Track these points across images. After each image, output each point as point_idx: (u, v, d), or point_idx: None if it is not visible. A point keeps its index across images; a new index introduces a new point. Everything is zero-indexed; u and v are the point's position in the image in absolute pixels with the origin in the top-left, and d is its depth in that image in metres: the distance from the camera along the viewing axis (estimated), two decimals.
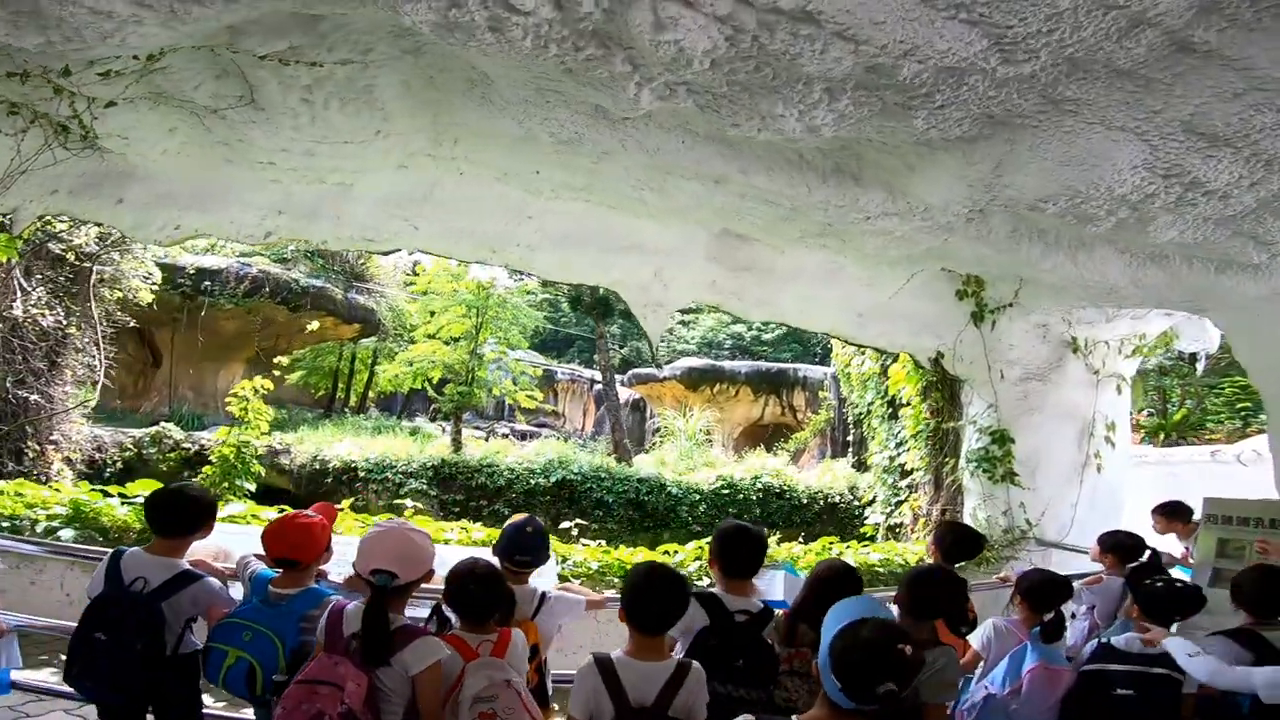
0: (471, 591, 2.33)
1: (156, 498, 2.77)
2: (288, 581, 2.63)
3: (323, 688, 2.00)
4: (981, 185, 3.35)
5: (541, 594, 2.84)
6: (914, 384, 7.20)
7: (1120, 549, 4.00)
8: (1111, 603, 3.76)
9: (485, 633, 2.31)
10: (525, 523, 2.96)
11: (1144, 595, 3.05)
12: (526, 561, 2.88)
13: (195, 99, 3.82)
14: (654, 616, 2.25)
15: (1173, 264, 4.58)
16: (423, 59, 3.70)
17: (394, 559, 2.24)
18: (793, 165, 4.12)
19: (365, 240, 5.54)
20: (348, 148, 4.49)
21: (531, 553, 2.89)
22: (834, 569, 2.83)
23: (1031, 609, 3.09)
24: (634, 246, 5.68)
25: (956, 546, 3.66)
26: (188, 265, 16.16)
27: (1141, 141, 2.90)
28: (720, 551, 2.78)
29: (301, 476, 12.98)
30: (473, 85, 3.88)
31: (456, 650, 2.22)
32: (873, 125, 3.07)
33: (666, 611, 2.26)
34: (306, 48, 3.37)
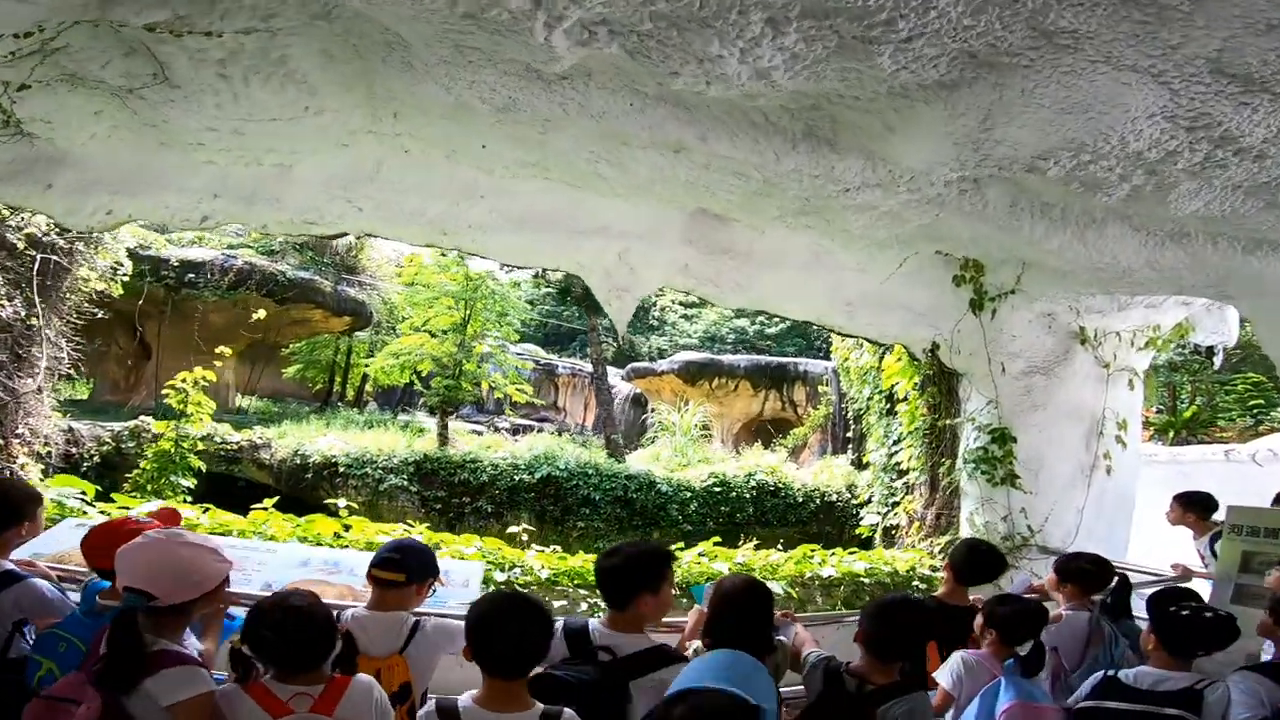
0: (267, 634, 1.85)
1: None
2: (115, 594, 2.21)
3: (65, 705, 1.76)
4: (969, 142, 2.85)
5: (415, 623, 2.40)
6: (908, 377, 6.69)
7: (1082, 577, 3.26)
8: (1078, 642, 3.08)
9: (306, 682, 1.85)
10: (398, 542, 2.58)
11: (1164, 625, 2.53)
12: (396, 560, 2.43)
13: (106, 79, 3.64)
14: (507, 656, 1.84)
15: (1194, 243, 4.07)
16: (336, 25, 3.39)
17: (151, 577, 1.87)
18: (758, 129, 3.64)
19: (307, 223, 5.20)
20: (277, 125, 4.21)
21: (401, 552, 2.47)
22: (736, 587, 2.35)
23: (1003, 640, 2.62)
24: (598, 228, 5.21)
25: (972, 568, 3.20)
26: (172, 257, 15.89)
27: (1159, 84, 2.39)
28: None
29: (282, 472, 12.64)
30: (391, 50, 3.54)
31: (258, 704, 1.78)
32: (834, 70, 2.59)
33: (523, 649, 1.85)
34: (195, 16, 3.13)
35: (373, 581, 2.44)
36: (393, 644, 2.32)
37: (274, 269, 16.72)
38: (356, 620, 2.36)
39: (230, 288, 15.94)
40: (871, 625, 2.32)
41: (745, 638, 2.30)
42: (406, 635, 2.35)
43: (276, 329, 18.69)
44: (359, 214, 5.11)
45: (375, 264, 20.63)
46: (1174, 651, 2.48)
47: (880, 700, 2.20)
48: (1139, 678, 2.48)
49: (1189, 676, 2.44)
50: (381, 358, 16.08)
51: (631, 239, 5.27)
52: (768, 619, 2.39)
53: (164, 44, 3.34)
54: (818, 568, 5.29)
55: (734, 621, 2.26)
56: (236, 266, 16.17)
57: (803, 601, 5.18)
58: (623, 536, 11.62)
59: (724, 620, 2.31)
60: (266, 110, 4.04)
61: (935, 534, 6.30)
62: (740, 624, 2.26)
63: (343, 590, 3.42)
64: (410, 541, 2.65)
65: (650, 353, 31.00)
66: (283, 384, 24.09)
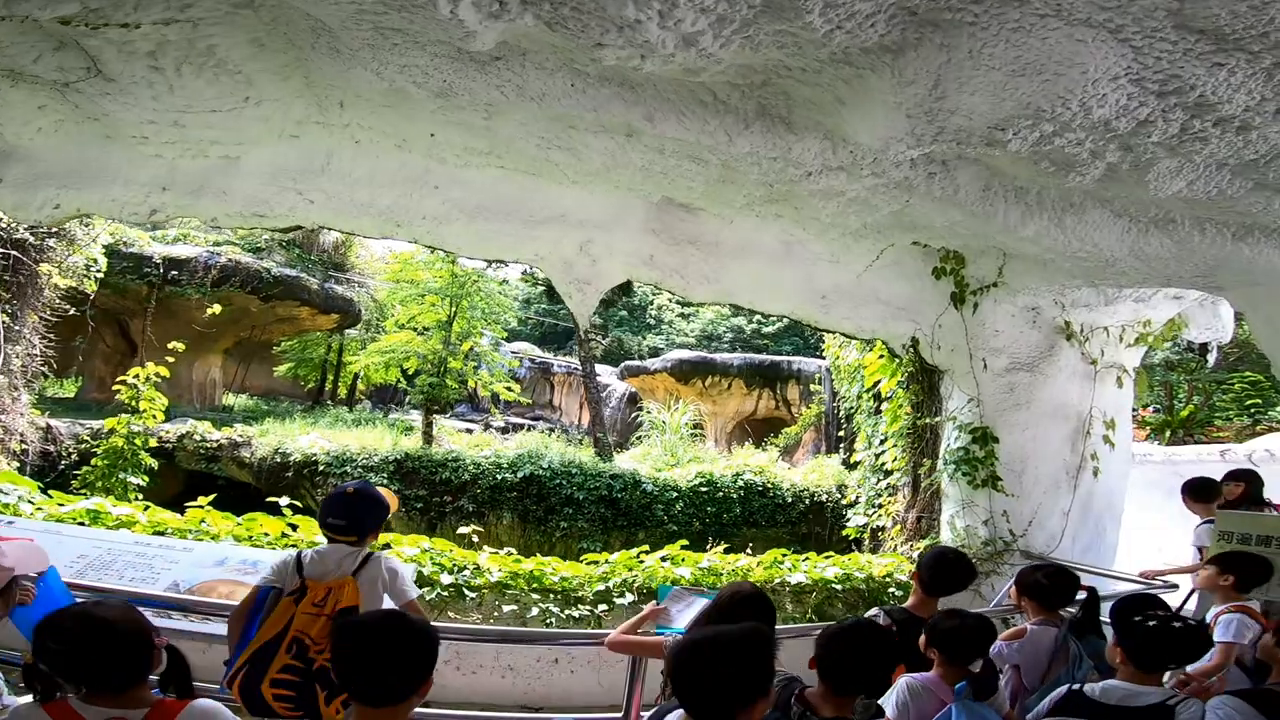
0: (53, 646, 1.57)
1: None
2: None
3: None
4: (922, 113, 2.59)
5: (369, 554, 2.62)
6: (891, 375, 6.43)
7: (1037, 591, 2.96)
8: (1040, 660, 2.80)
9: (121, 705, 1.58)
10: (350, 485, 2.76)
11: (1130, 636, 2.29)
12: (340, 526, 2.64)
13: (41, 73, 3.67)
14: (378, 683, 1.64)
15: (1181, 229, 3.81)
16: (263, 13, 3.33)
17: None
18: (707, 108, 3.40)
19: (256, 216, 5.11)
20: (217, 116, 4.21)
21: (346, 516, 2.64)
22: (740, 593, 2.26)
23: (947, 660, 2.37)
24: (555, 217, 4.98)
25: (938, 577, 2.92)
26: (155, 254, 15.75)
27: (1118, 41, 2.14)
28: None
29: (263, 470, 12.41)
30: (318, 35, 3.44)
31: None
32: (767, 35, 2.34)
33: (390, 679, 1.64)
34: (108, 9, 3.09)
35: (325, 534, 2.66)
36: (345, 569, 2.54)
37: (259, 266, 16.54)
38: (316, 553, 2.60)
39: (214, 285, 15.77)
40: (826, 653, 2.08)
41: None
42: (359, 562, 2.57)
43: (263, 326, 18.51)
44: (310, 206, 5.02)
45: (364, 261, 20.46)
46: (1142, 665, 2.26)
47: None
48: (1105, 692, 2.25)
49: (1160, 691, 2.22)
50: (368, 355, 15.87)
51: (592, 229, 5.04)
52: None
53: (88, 38, 3.35)
54: (787, 574, 5.04)
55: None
56: (220, 263, 16.01)
57: None
58: (607, 536, 11.38)
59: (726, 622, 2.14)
60: (204, 101, 4.00)
61: (915, 537, 6.05)
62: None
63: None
64: (355, 501, 2.67)
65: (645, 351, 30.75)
66: (276, 382, 23.93)
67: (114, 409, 15.53)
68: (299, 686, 2.40)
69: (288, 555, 2.63)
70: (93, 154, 4.61)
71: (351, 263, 19.82)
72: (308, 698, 2.40)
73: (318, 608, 2.47)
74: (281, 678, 2.39)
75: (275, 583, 2.58)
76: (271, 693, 2.39)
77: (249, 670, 2.41)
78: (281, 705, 2.40)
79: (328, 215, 5.09)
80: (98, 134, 4.46)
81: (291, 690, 2.40)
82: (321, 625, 2.43)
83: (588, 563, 5.01)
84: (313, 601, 2.48)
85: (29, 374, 9.58)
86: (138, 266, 15.56)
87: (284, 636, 2.43)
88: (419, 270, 15.23)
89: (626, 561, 5.01)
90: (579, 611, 4.53)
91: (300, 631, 2.44)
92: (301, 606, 2.48)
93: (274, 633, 2.45)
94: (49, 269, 8.59)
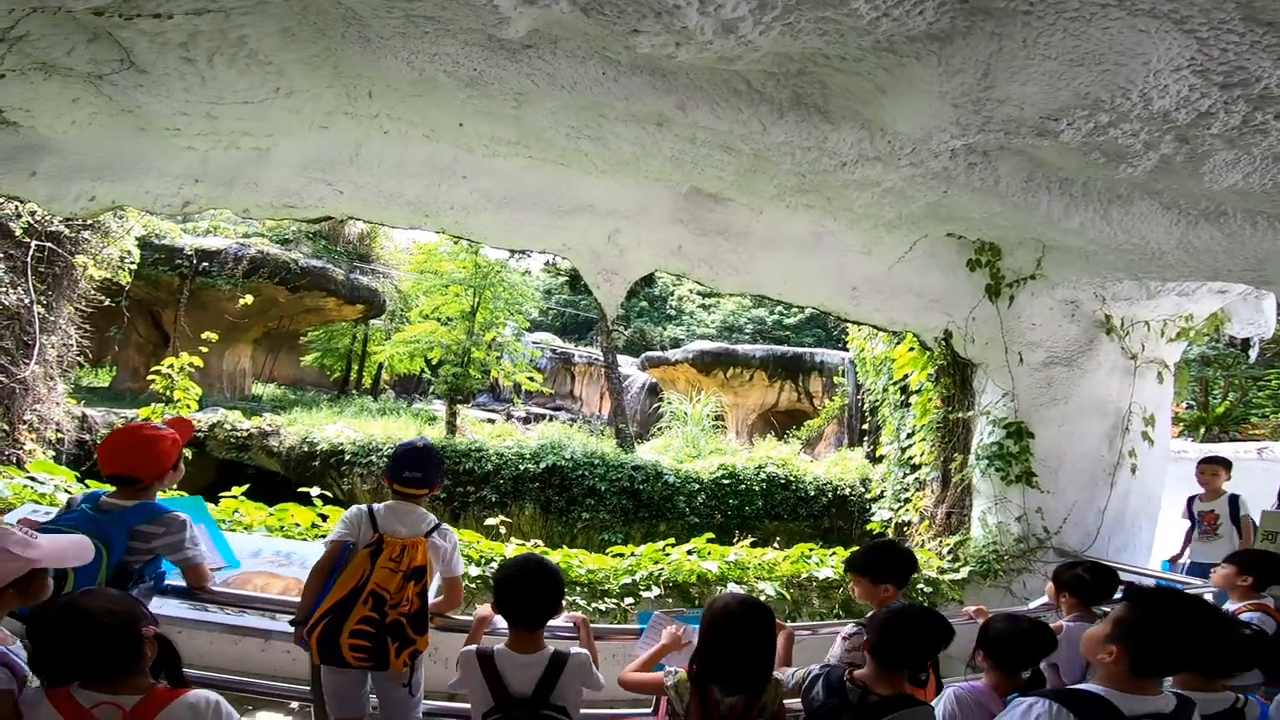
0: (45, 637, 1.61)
1: None
2: (125, 495, 2.50)
3: None
4: (969, 103, 2.50)
5: (436, 523, 2.80)
6: (921, 368, 6.32)
7: (1078, 586, 2.95)
8: (1078, 658, 2.71)
9: (115, 691, 1.60)
10: (416, 441, 2.93)
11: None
12: (416, 479, 2.80)
13: (75, 66, 3.70)
14: (529, 610, 2.28)
15: (1232, 222, 3.68)
16: (293, 3, 3.32)
17: None
18: (741, 97, 3.34)
19: (286, 207, 5.16)
20: (249, 108, 4.23)
21: (421, 469, 2.81)
22: (729, 609, 2.16)
23: (999, 668, 2.30)
24: (584, 207, 4.95)
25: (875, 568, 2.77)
26: (186, 246, 16.03)
27: (1183, 32, 2.04)
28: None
29: (290, 459, 12.61)
30: (348, 24, 3.43)
31: (57, 710, 1.57)
32: (809, 21, 2.27)
33: (542, 605, 2.29)
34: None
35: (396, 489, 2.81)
36: (417, 530, 2.70)
37: (287, 257, 16.75)
38: (387, 508, 2.75)
39: (244, 276, 16.02)
40: (879, 633, 2.13)
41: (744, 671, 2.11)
42: (429, 528, 2.74)
43: (291, 316, 18.77)
44: (339, 196, 5.06)
45: (389, 252, 20.63)
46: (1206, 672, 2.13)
47: (884, 711, 2.00)
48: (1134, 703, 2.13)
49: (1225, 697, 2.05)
50: (392, 345, 16.02)
51: (620, 219, 5.00)
52: (770, 650, 2.16)
53: (121, 29, 3.30)
54: (815, 568, 4.99)
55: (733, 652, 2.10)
56: (250, 255, 16.25)
57: (798, 604, 4.90)
58: (628, 528, 11.40)
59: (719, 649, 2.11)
60: (235, 92, 4.03)
61: (945, 533, 5.96)
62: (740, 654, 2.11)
63: (290, 583, 3.26)
64: (429, 454, 2.86)
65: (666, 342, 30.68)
66: (303, 372, 24.30)
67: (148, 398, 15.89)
68: (374, 638, 2.53)
69: (358, 510, 2.76)
70: (126, 146, 4.67)
71: (376, 254, 20.01)
72: (381, 649, 2.53)
73: (394, 562, 2.59)
74: (360, 629, 2.52)
75: (349, 537, 2.69)
76: (349, 643, 2.51)
77: (330, 621, 2.52)
78: (356, 655, 2.52)
79: (356, 206, 5.12)
80: (131, 126, 4.51)
81: (367, 641, 2.52)
82: (398, 581, 2.57)
83: (613, 555, 5.01)
84: (390, 556, 2.59)
85: (64, 364, 9.82)
86: (170, 258, 15.86)
87: (363, 589, 2.55)
88: (443, 261, 15.32)
89: (652, 554, 4.99)
90: (605, 605, 4.53)
91: (379, 585, 2.55)
92: (380, 561, 2.59)
93: (352, 585, 2.56)
94: (84, 260, 8.77)
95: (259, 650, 3.93)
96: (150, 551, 2.48)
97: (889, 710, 1.98)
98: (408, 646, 2.56)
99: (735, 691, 2.10)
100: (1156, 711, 1.69)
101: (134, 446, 2.54)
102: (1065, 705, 1.65)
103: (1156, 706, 1.70)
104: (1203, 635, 1.68)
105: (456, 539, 2.89)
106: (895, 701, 2.02)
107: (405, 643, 2.55)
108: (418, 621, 2.59)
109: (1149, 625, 1.70)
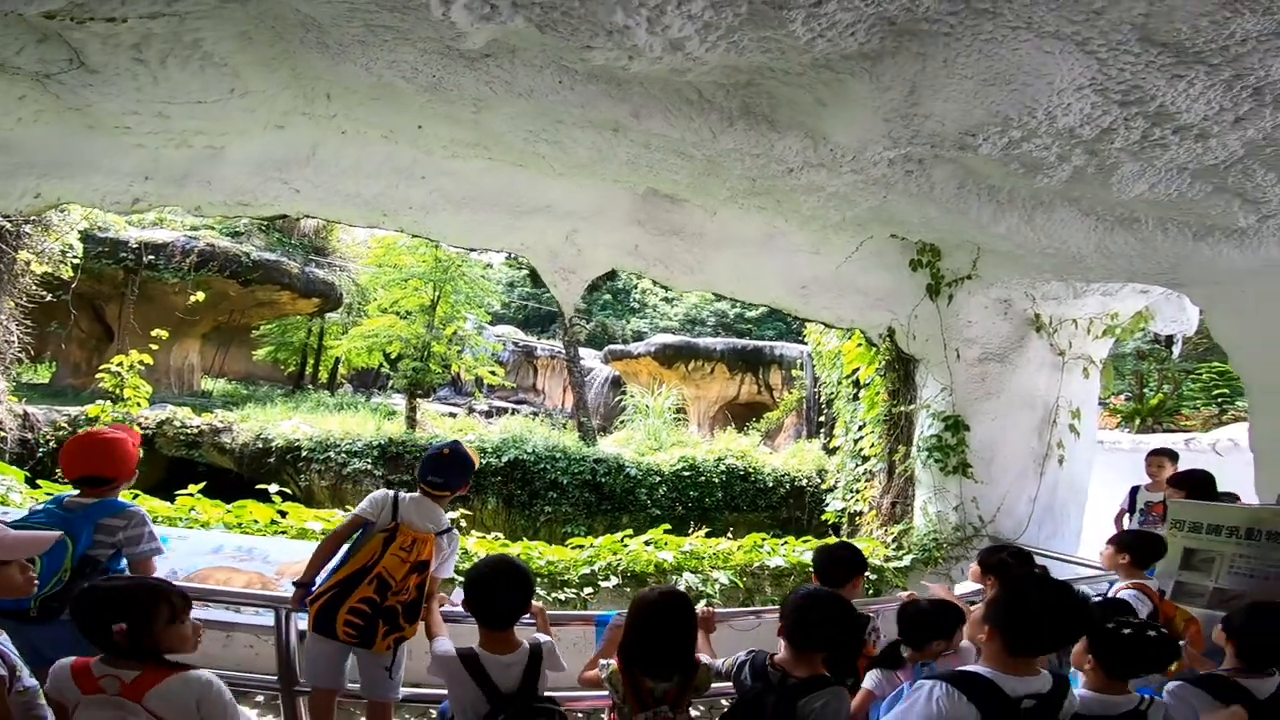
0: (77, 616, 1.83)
1: None
2: (89, 495, 2.63)
3: None
4: (898, 117, 2.69)
5: (449, 527, 2.95)
6: (867, 362, 6.59)
7: (1002, 569, 3.03)
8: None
9: (124, 666, 1.80)
10: (445, 445, 3.07)
11: (1104, 644, 2.22)
12: (439, 483, 2.96)
13: (22, 65, 3.64)
14: (501, 611, 2.38)
15: (1144, 229, 3.96)
16: (250, 7, 3.32)
17: None
18: (693, 106, 3.47)
19: (240, 205, 5.15)
20: (202, 107, 4.18)
21: (444, 475, 2.97)
22: (649, 600, 2.33)
23: (916, 649, 2.51)
24: (542, 208, 5.03)
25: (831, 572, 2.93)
26: (131, 239, 15.48)
27: (1084, 53, 2.24)
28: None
29: (244, 456, 12.35)
30: (306, 29, 3.44)
31: (72, 679, 1.79)
32: (751, 40, 2.42)
33: (512, 606, 2.40)
34: (95, 3, 3.08)
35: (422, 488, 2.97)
36: (432, 526, 2.84)
37: (238, 250, 16.32)
38: (411, 499, 2.91)
39: (192, 269, 15.55)
40: (790, 618, 2.27)
41: (666, 657, 2.26)
42: (442, 528, 2.89)
43: (242, 310, 18.29)
44: (295, 195, 5.05)
45: (346, 245, 20.25)
46: (1113, 673, 2.22)
47: (802, 692, 2.15)
48: (1084, 704, 2.13)
49: (1130, 699, 2.18)
50: (350, 339, 15.79)
51: (578, 219, 5.11)
52: (690, 637, 2.31)
53: (73, 31, 3.26)
54: (766, 557, 5.20)
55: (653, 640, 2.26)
56: (199, 248, 15.78)
57: (751, 592, 5.10)
58: (591, 521, 11.51)
59: (641, 637, 2.28)
60: (189, 93, 3.99)
61: (890, 522, 6.25)
62: (660, 642, 2.26)
63: (252, 577, 3.31)
64: (451, 460, 3.02)
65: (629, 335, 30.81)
66: (255, 366, 23.66)
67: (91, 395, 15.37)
68: (368, 618, 2.66)
69: (386, 494, 2.91)
70: (74, 144, 4.59)
71: (333, 246, 19.62)
72: (371, 629, 2.67)
73: (404, 552, 2.73)
74: (358, 607, 2.66)
75: (371, 516, 2.83)
76: (345, 619, 2.65)
77: (334, 596, 2.67)
78: (347, 631, 2.66)
79: (313, 204, 5.12)
80: (79, 124, 4.42)
81: (361, 620, 2.66)
82: (405, 570, 2.71)
83: (573, 547, 5.13)
84: (401, 545, 2.73)
85: (6, 361, 9.47)
86: (114, 251, 15.30)
87: (370, 570, 2.69)
88: (402, 254, 15.14)
89: (611, 545, 5.13)
90: (565, 595, 4.66)
91: (386, 571, 2.69)
92: (392, 548, 2.72)
93: (361, 565, 2.69)
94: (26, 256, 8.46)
95: (220, 646, 3.95)
96: (114, 545, 2.58)
97: (807, 691, 2.14)
98: (395, 632, 2.70)
99: (666, 677, 2.25)
100: (1036, 691, 1.85)
101: (102, 450, 2.67)
102: (956, 686, 1.81)
103: (1035, 687, 1.86)
104: (1055, 611, 1.84)
105: (458, 545, 3.08)
106: (812, 683, 2.17)
107: (394, 628, 2.70)
108: (411, 611, 2.73)
109: (1010, 605, 1.87)
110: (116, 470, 2.67)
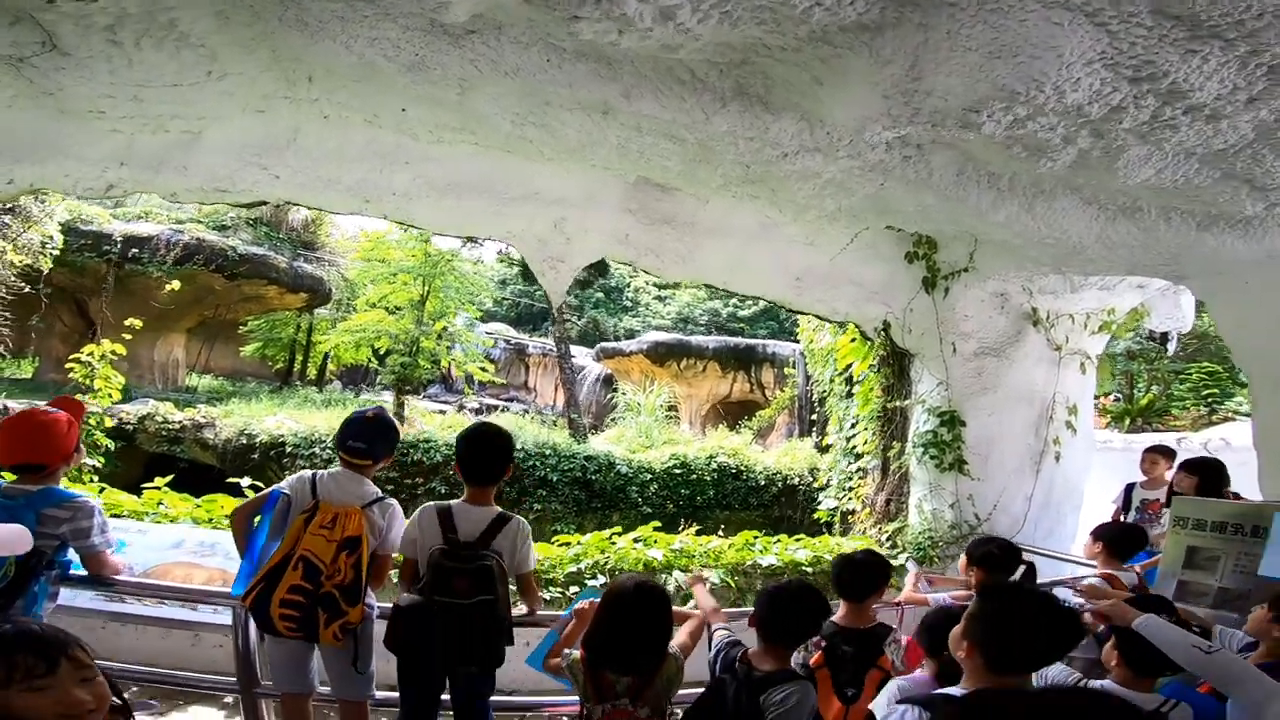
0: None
1: None
2: (28, 482, 2.48)
3: None
4: (899, 93, 2.57)
5: (380, 496, 2.77)
6: (861, 357, 6.49)
7: (988, 561, 3.16)
8: None
9: None
10: (369, 410, 2.91)
11: (1132, 641, 2.19)
12: (359, 449, 2.76)
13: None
14: (482, 468, 2.72)
15: (1147, 218, 3.87)
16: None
17: None
18: (685, 86, 3.34)
19: (218, 191, 4.99)
20: (179, 91, 4.05)
21: (366, 440, 2.77)
22: (624, 590, 2.21)
23: (932, 655, 2.39)
24: (530, 195, 4.89)
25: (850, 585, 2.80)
26: (115, 232, 15.25)
27: (1094, 25, 2.13)
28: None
29: (227, 452, 12.15)
30: (285, 7, 3.29)
31: None
32: (747, 10, 2.30)
33: (493, 464, 2.77)
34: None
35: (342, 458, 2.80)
36: (354, 500, 2.66)
37: (224, 244, 16.10)
38: (329, 474, 2.75)
39: (177, 263, 15.32)
40: (761, 611, 2.23)
41: (633, 652, 2.15)
42: (369, 500, 2.70)
43: (228, 305, 18.05)
44: (275, 181, 4.91)
45: (335, 240, 20.03)
46: (1140, 670, 2.20)
47: (765, 686, 2.09)
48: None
49: (1152, 698, 2.14)
50: (338, 335, 15.60)
51: (567, 207, 4.97)
52: (663, 632, 2.20)
53: (45, 12, 3.17)
54: (759, 555, 5.09)
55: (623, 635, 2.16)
56: (184, 241, 15.57)
57: (743, 591, 4.98)
58: (581, 519, 11.38)
59: (610, 631, 2.17)
60: (164, 75, 3.86)
61: (885, 520, 6.15)
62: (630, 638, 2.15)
63: (213, 574, 3.16)
64: (374, 425, 2.83)
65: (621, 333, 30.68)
66: (242, 363, 23.37)
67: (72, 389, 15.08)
68: (304, 608, 2.48)
69: (304, 473, 2.72)
70: (46, 129, 4.45)
71: (322, 241, 19.42)
72: (310, 619, 2.49)
73: (326, 530, 2.54)
74: (290, 598, 2.47)
75: (287, 491, 2.66)
76: (279, 611, 2.47)
77: (263, 588, 2.48)
78: (285, 624, 2.49)
79: (293, 190, 4.96)
80: (52, 109, 4.29)
81: (296, 611, 2.48)
82: (333, 551, 2.52)
83: (560, 544, 5.00)
84: (321, 524, 2.54)
85: None
86: (96, 244, 15.07)
87: (293, 555, 2.50)
88: (391, 249, 14.97)
89: (598, 543, 5.01)
90: (550, 593, 4.53)
91: (309, 551, 2.51)
92: (311, 527, 2.53)
93: (285, 552, 2.51)
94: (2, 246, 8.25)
95: (189, 645, 3.81)
96: (58, 537, 2.43)
97: (770, 685, 2.07)
98: (338, 618, 2.52)
99: (629, 671, 2.14)
100: None
101: (32, 433, 2.49)
102: (926, 709, 1.66)
103: None
104: (1037, 625, 1.69)
105: (400, 517, 2.81)
106: (776, 676, 2.10)
107: (335, 614, 2.52)
108: (350, 593, 2.54)
109: (989, 619, 1.73)
110: (49, 456, 2.50)
